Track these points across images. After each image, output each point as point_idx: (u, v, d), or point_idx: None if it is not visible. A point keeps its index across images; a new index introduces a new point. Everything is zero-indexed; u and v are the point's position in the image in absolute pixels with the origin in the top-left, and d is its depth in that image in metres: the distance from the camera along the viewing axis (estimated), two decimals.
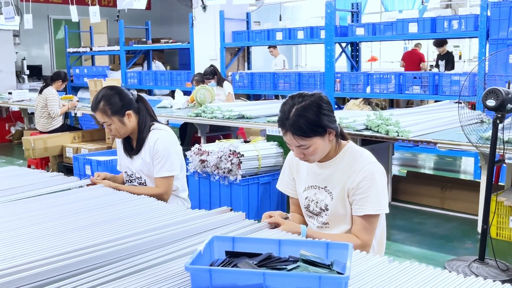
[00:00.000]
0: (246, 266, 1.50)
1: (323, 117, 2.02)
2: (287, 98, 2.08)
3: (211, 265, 1.54)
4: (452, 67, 9.27)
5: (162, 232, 1.88)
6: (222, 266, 1.53)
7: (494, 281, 1.49)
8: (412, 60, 10.35)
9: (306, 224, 2.24)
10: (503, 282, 1.48)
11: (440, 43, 9.24)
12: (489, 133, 3.71)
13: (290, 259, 1.57)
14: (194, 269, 1.45)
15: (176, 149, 2.84)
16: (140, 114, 2.79)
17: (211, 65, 7.49)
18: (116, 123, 2.71)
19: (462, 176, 6.86)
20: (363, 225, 2.09)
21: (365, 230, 2.09)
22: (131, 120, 2.74)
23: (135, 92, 2.84)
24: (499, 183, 4.83)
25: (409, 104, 9.72)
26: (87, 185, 2.73)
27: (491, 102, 3.38)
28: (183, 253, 1.70)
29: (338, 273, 1.46)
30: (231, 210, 2.18)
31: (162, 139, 2.77)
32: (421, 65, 10.29)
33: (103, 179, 2.79)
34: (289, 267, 1.49)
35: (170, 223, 1.99)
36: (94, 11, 7.99)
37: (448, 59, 9.43)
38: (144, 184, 2.84)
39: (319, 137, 2.03)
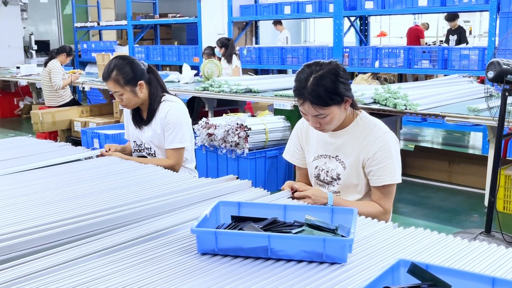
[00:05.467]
0: (252, 229, 1.51)
1: (341, 85, 2.00)
2: (302, 67, 2.04)
3: (217, 229, 1.55)
4: (465, 42, 9.15)
5: (169, 199, 1.89)
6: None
7: (498, 245, 1.49)
8: (413, 35, 10.26)
9: None
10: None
11: (451, 17, 9.10)
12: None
13: (295, 223, 1.58)
14: (200, 231, 1.46)
15: (187, 120, 2.85)
16: (151, 85, 2.79)
17: (228, 38, 7.45)
18: (129, 92, 2.71)
19: (470, 151, 6.83)
20: (384, 193, 2.11)
21: (386, 198, 2.11)
22: (142, 90, 2.74)
23: (145, 63, 2.83)
24: (507, 158, 4.82)
25: (417, 80, 9.63)
26: (97, 156, 2.74)
27: (490, 74, 3.37)
28: (190, 219, 1.72)
29: (343, 236, 1.47)
30: (237, 178, 2.19)
31: (173, 110, 2.78)
32: (420, 41, 10.20)
33: (114, 151, 2.80)
34: (294, 231, 1.50)
35: (176, 190, 2.01)
36: None
37: (460, 34, 9.29)
38: (154, 154, 2.85)
39: (337, 105, 2.02)
